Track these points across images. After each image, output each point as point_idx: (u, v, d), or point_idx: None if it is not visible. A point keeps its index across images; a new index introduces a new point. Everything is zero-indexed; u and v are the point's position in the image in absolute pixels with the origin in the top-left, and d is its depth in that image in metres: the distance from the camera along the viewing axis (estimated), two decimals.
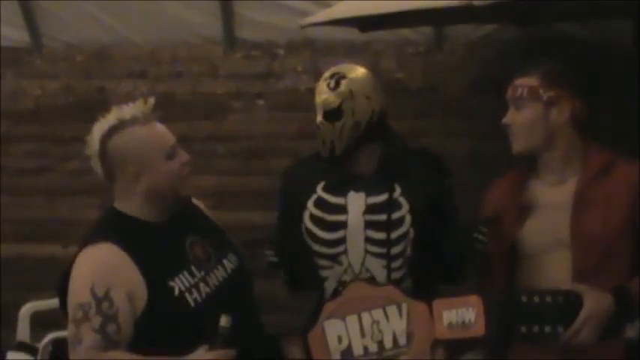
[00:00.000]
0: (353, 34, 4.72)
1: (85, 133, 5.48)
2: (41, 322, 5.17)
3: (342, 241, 3.32)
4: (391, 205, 3.30)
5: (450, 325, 2.90)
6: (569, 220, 2.96)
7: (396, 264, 3.29)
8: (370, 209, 3.32)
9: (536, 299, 2.80)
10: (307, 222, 3.38)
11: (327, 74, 3.38)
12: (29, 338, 5.14)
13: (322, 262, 3.36)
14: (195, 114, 5.37)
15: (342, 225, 3.33)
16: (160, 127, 2.93)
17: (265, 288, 3.38)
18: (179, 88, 5.55)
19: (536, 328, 2.80)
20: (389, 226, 3.29)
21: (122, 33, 5.64)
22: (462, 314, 2.87)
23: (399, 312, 2.97)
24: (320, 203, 3.37)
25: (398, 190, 3.33)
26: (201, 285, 2.90)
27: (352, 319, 3.01)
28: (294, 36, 5.12)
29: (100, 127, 2.90)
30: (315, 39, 5.24)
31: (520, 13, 4.42)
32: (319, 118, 3.33)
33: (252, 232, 4.64)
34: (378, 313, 3.00)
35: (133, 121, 2.87)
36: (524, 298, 2.81)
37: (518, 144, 3.02)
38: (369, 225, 3.30)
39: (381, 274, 3.28)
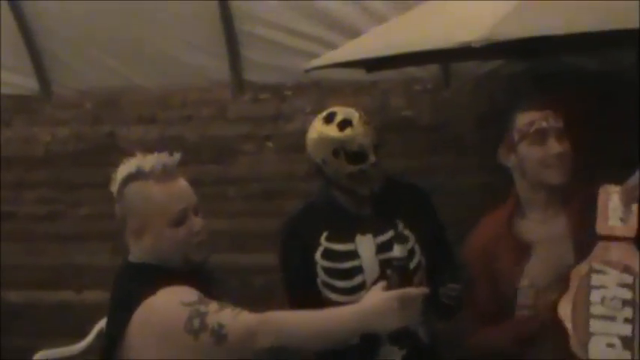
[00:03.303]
0: (360, 74, 4.73)
1: (96, 178, 5.57)
2: None
3: (361, 286, 3.32)
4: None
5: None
6: (571, 254, 2.94)
7: None
8: (381, 248, 3.33)
9: None
10: (322, 275, 3.38)
11: (351, 114, 3.32)
12: None
13: None
14: (205, 157, 5.38)
15: (358, 270, 3.34)
16: (175, 188, 2.69)
17: None
18: (189, 132, 5.57)
19: None
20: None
21: (131, 78, 5.67)
22: None
23: None
24: (328, 254, 3.37)
25: (401, 224, 3.35)
26: None
27: None
28: (301, 77, 5.11)
29: (122, 171, 2.72)
30: (322, 80, 5.24)
31: (524, 48, 4.42)
32: (372, 158, 3.28)
33: (266, 274, 4.67)
34: None
35: (150, 174, 2.66)
36: None
37: (565, 173, 2.98)
38: (384, 264, 3.27)
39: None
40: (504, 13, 3.19)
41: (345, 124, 3.29)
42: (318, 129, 3.35)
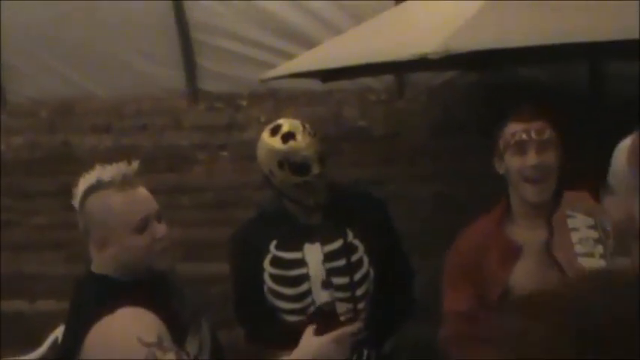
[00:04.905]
0: (315, 84, 4.76)
1: (50, 187, 5.55)
2: None
3: (307, 293, 3.36)
4: (348, 250, 3.35)
5: None
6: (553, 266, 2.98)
7: (361, 305, 3.35)
8: (328, 257, 3.36)
9: None
10: (269, 282, 3.39)
11: (296, 126, 3.33)
12: None
13: (291, 318, 3.38)
14: (159, 166, 5.37)
15: (305, 278, 3.37)
16: (135, 196, 2.66)
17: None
18: (143, 141, 5.56)
19: None
20: (350, 269, 3.34)
21: (86, 87, 5.66)
22: None
23: None
24: (276, 261, 3.39)
25: (350, 234, 3.38)
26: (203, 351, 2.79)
27: None
28: (256, 87, 5.13)
29: (82, 184, 2.67)
30: (277, 89, 5.28)
31: (478, 60, 4.47)
32: (317, 170, 3.30)
33: (220, 283, 4.66)
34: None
35: (110, 184, 2.62)
36: None
37: (543, 191, 2.98)
38: (330, 272, 3.33)
39: (349, 316, 3.33)
40: (460, 25, 3.22)
41: (288, 136, 3.30)
42: (265, 141, 3.36)
